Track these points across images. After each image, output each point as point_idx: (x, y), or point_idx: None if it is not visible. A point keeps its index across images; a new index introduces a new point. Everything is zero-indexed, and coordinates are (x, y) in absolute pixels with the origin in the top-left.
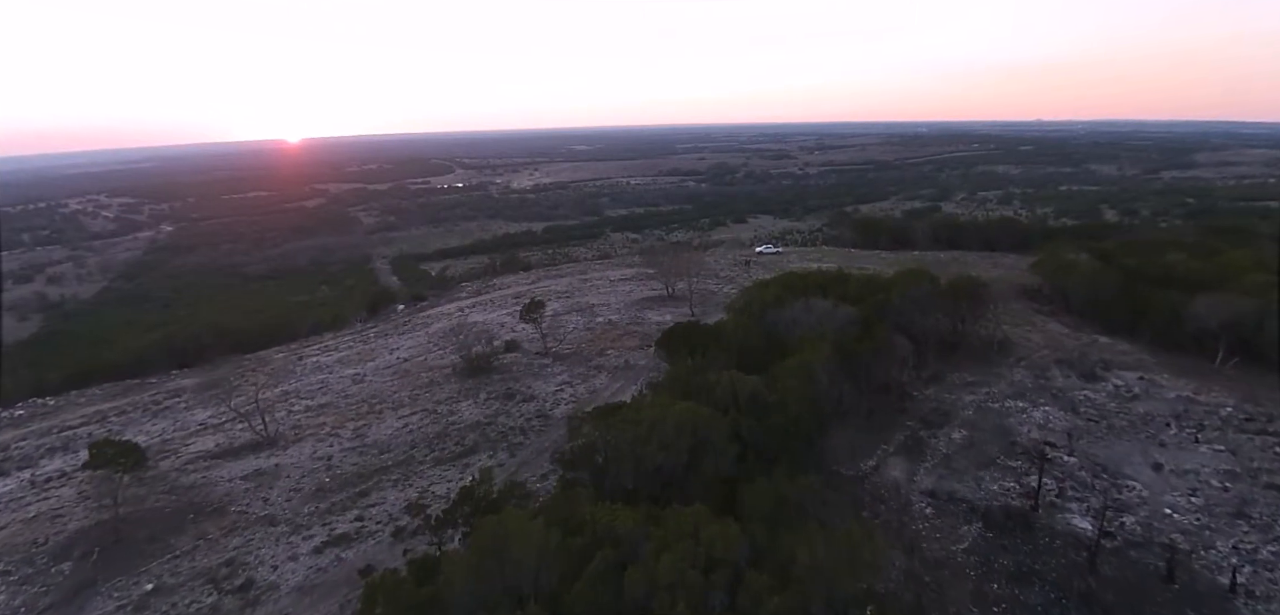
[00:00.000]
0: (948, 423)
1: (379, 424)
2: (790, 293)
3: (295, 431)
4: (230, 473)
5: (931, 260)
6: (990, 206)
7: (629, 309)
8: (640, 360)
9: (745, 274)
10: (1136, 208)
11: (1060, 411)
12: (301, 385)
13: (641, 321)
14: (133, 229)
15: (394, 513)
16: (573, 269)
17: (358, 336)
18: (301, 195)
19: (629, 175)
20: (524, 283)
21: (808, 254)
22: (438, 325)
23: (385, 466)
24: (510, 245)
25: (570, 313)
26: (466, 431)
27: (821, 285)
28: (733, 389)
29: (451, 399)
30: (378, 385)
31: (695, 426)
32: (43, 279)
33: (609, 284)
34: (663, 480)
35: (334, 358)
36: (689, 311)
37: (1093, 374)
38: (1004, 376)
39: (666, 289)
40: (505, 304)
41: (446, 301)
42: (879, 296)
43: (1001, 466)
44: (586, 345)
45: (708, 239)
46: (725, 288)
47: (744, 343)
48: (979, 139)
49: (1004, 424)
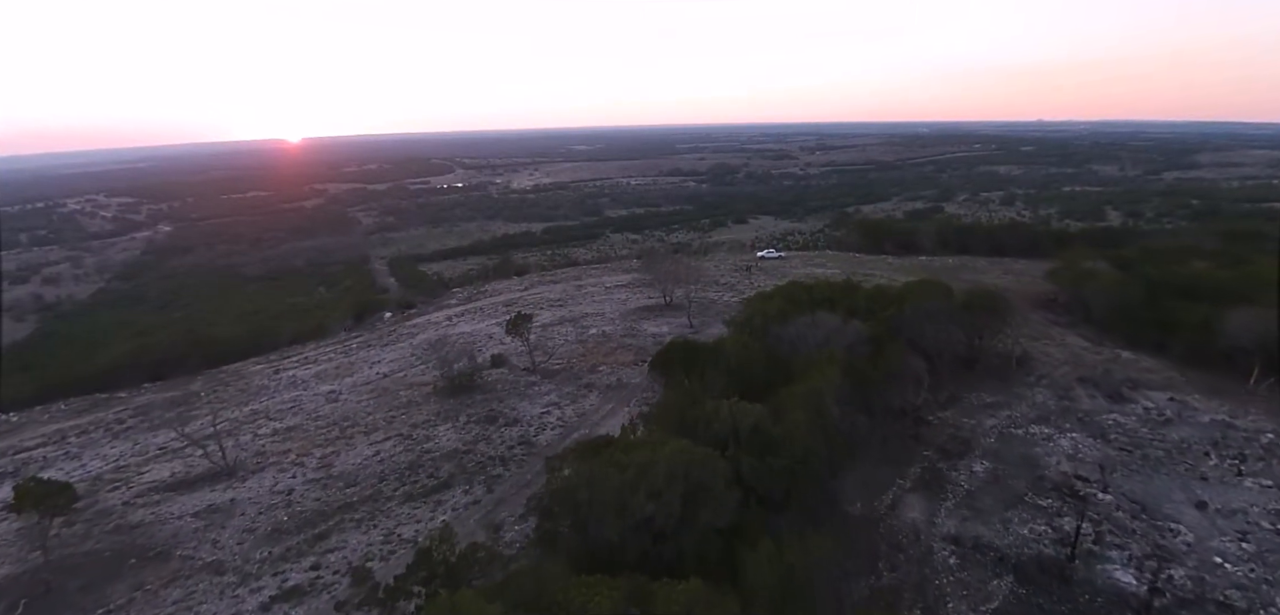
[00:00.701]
0: (968, 452)
1: (348, 451)
2: (794, 306)
3: (258, 459)
4: (182, 508)
5: (939, 265)
6: (993, 207)
7: (624, 319)
8: (634, 378)
9: (746, 280)
10: (1140, 209)
11: (1089, 439)
12: (273, 404)
13: (637, 333)
14: (130, 229)
15: (353, 560)
16: (568, 274)
17: (340, 347)
18: (300, 195)
19: (629, 175)
20: (517, 289)
21: (811, 259)
22: (424, 336)
23: (350, 503)
24: (509, 246)
25: (562, 323)
26: (442, 461)
27: (828, 297)
28: (733, 421)
29: (429, 422)
30: (352, 405)
31: (689, 470)
32: (39, 279)
33: (604, 291)
34: (653, 533)
35: (312, 371)
36: (687, 322)
37: (1119, 394)
38: (1025, 397)
39: (664, 297)
40: (495, 313)
41: (435, 309)
42: (890, 310)
43: (1030, 505)
44: (577, 360)
45: (708, 241)
46: (725, 295)
47: (745, 363)
48: (980, 139)
49: (1030, 454)
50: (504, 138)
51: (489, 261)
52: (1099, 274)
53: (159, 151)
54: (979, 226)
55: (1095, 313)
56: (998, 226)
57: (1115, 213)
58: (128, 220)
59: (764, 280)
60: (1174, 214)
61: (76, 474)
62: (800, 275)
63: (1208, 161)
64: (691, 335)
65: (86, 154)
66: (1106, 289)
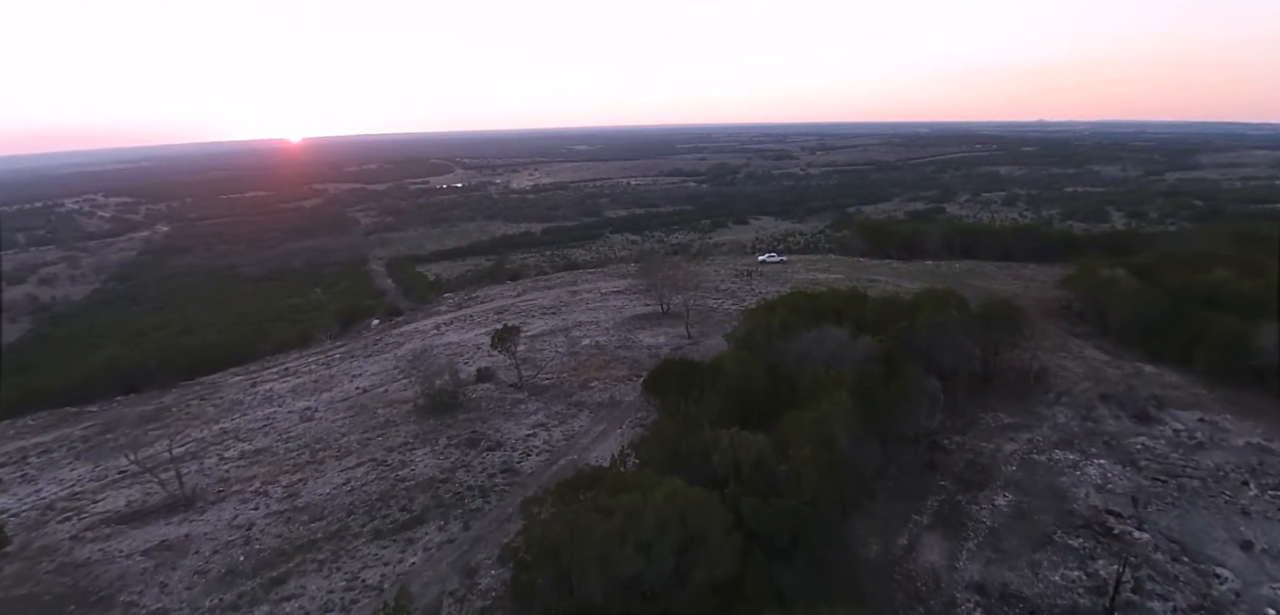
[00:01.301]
0: (989, 482)
1: (317, 479)
2: (799, 318)
3: (220, 487)
4: (133, 544)
5: (945, 270)
6: (994, 208)
7: (619, 329)
8: (628, 395)
9: (747, 286)
10: (1143, 210)
11: (1118, 466)
12: (244, 422)
13: (632, 344)
14: (128, 229)
15: (311, 610)
16: (563, 280)
17: (323, 358)
18: (300, 195)
19: (629, 176)
20: (510, 295)
21: (814, 263)
22: (410, 346)
23: (314, 540)
24: (508, 247)
25: (554, 333)
26: (417, 491)
27: (835, 309)
28: (733, 454)
29: (406, 445)
30: (327, 425)
31: (684, 515)
32: (35, 280)
33: (599, 298)
34: (642, 590)
35: (290, 385)
36: (685, 331)
37: (1145, 414)
38: (1045, 417)
39: (661, 305)
40: (485, 321)
41: (423, 317)
42: (901, 324)
43: (1060, 546)
44: (569, 375)
45: (708, 242)
46: (725, 302)
47: (745, 384)
48: (981, 140)
49: (1055, 484)
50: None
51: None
52: (1118, 283)
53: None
54: (986, 230)
55: (1114, 324)
56: (1005, 230)
57: (1118, 214)
58: (126, 220)
59: (765, 287)
60: (1177, 215)
61: (29, 501)
62: (803, 281)
63: (1209, 162)
64: (689, 346)
65: (87, 154)
66: (1126, 299)
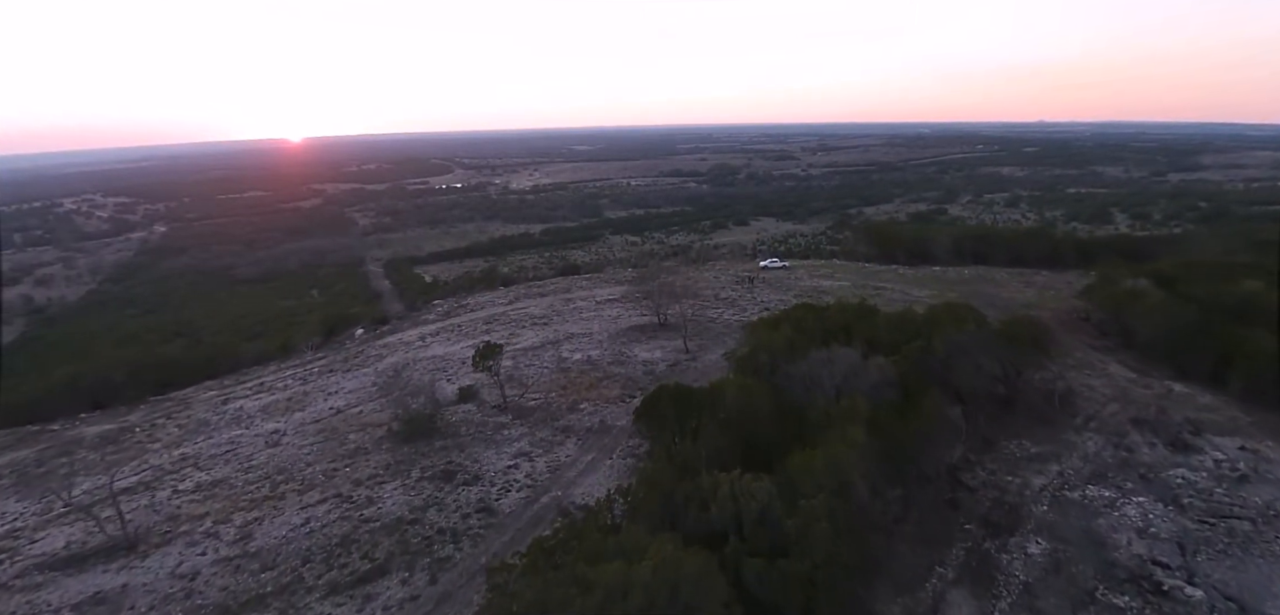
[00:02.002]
0: (1019, 525)
1: (274, 518)
2: (806, 336)
3: (168, 526)
4: (65, 595)
5: (955, 277)
6: (997, 209)
7: (613, 341)
8: (619, 418)
9: (748, 295)
10: (1147, 211)
11: (1159, 505)
12: (207, 446)
13: (626, 359)
14: (126, 229)
15: None
16: (556, 286)
17: (301, 371)
18: (298, 195)
19: (629, 176)
20: (501, 302)
21: (817, 269)
22: (391, 359)
23: (262, 593)
24: (507, 248)
25: (544, 345)
26: (382, 534)
27: (844, 324)
28: (735, 503)
29: (375, 477)
30: (293, 452)
31: (676, 589)
32: (31, 281)
33: (594, 307)
34: None
35: (262, 402)
36: (682, 345)
37: (1181, 442)
38: (1075, 446)
39: (658, 316)
40: (473, 331)
41: (410, 326)
42: (917, 343)
43: (1105, 605)
44: (557, 394)
45: (707, 243)
46: (726, 312)
47: (748, 414)
48: (982, 140)
49: (1092, 527)
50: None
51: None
52: (1143, 295)
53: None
54: (996, 234)
55: (1139, 338)
56: (1016, 234)
57: (1122, 215)
58: (124, 221)
59: (768, 295)
60: (1182, 217)
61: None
62: (807, 289)
63: (1211, 163)
64: (687, 361)
65: (88, 153)
66: (1153, 313)
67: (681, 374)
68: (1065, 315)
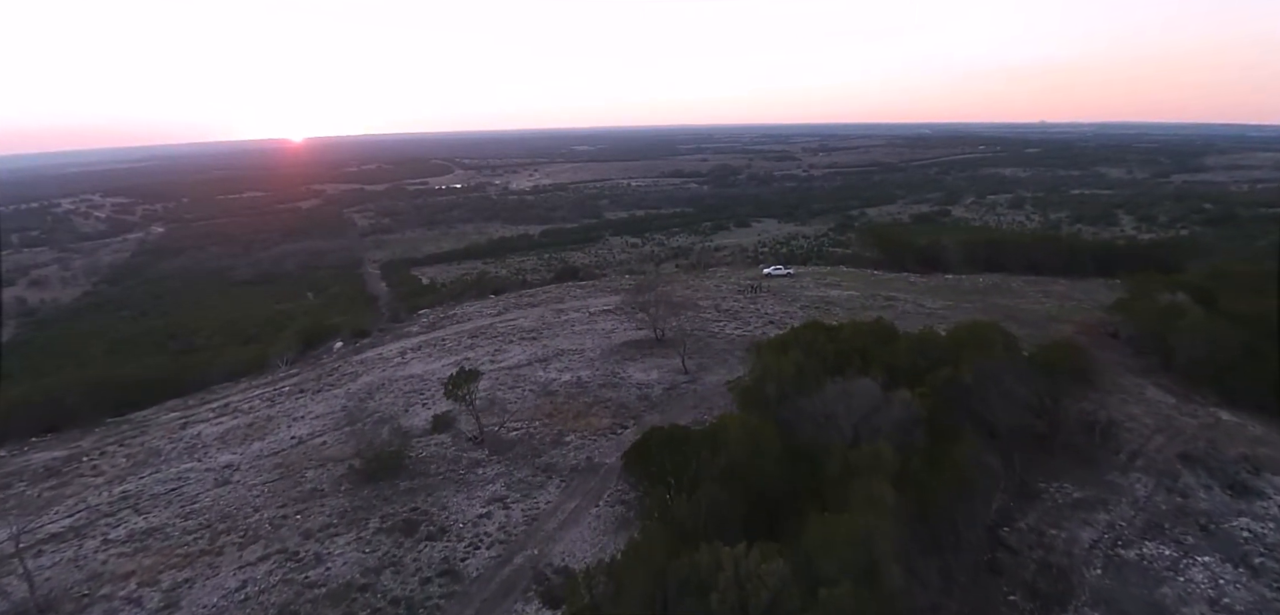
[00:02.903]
0: (1070, 596)
1: (207, 580)
2: (818, 361)
3: (88, 587)
4: None
5: (969, 285)
6: (1000, 210)
7: (606, 359)
8: (609, 455)
9: (752, 306)
10: (1153, 213)
11: (1228, 567)
12: (151, 483)
13: (618, 381)
14: (123, 230)
15: None
16: (549, 295)
17: (270, 391)
18: (297, 196)
19: (630, 176)
20: (490, 313)
21: (824, 277)
22: (366, 378)
23: None
24: (505, 249)
25: (532, 364)
26: (325, 606)
27: (860, 348)
28: (740, 590)
29: (329, 529)
30: (242, 493)
31: None
32: (25, 282)
33: (587, 319)
34: None
35: (222, 428)
36: (680, 364)
37: (1240, 483)
38: (1122, 490)
39: (654, 331)
40: (457, 347)
41: (391, 339)
42: (944, 371)
43: None
44: (541, 423)
45: (708, 246)
46: (727, 326)
47: (754, 463)
48: (984, 141)
49: (1155, 598)
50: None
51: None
52: (1183, 311)
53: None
54: (1010, 241)
55: (1178, 357)
56: (1032, 240)
57: (1127, 217)
58: (121, 221)
59: (772, 306)
60: (1188, 219)
61: None
62: (813, 298)
63: (1215, 164)
64: (686, 384)
65: (89, 153)
66: (1195, 333)
67: (679, 400)
68: (1091, 330)
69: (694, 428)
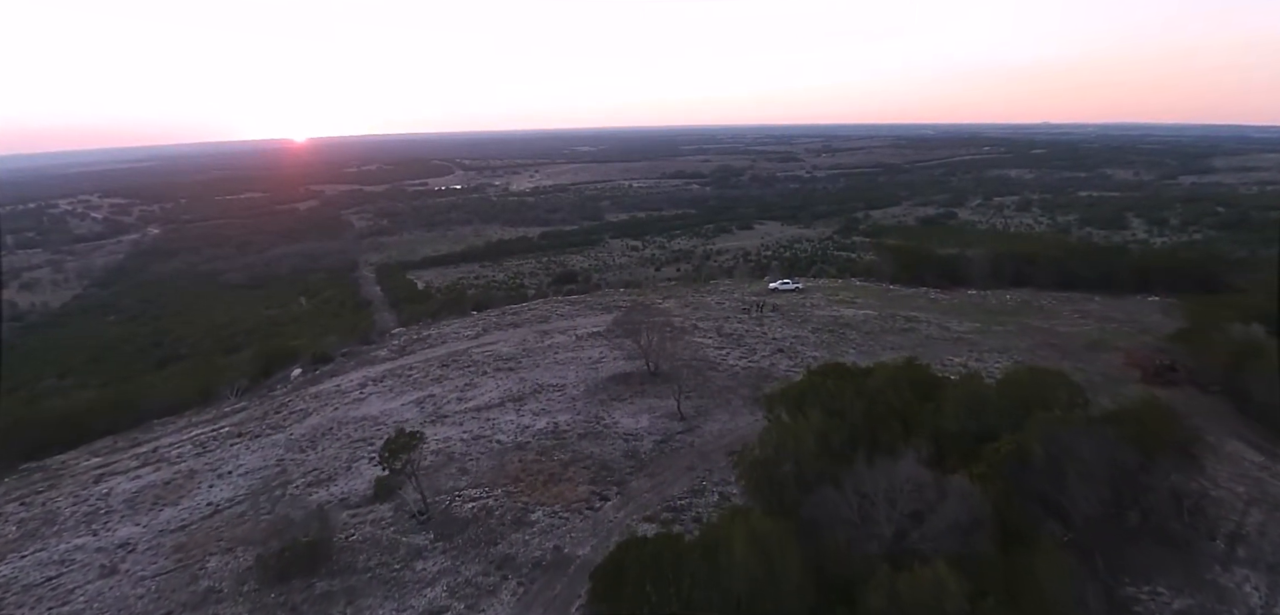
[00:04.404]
0: None
1: None
2: (843, 424)
3: None
4: None
5: (996, 303)
6: (1008, 213)
7: (590, 398)
8: (582, 544)
9: (757, 329)
10: (1164, 216)
11: None
12: (29, 566)
13: (602, 430)
14: (119, 231)
15: None
16: (535, 313)
17: (210, 428)
18: (296, 196)
19: (631, 177)
20: (467, 334)
21: (835, 293)
22: (314, 419)
23: None
24: (503, 252)
25: (505, 403)
26: None
27: (898, 407)
28: None
29: None
30: (126, 590)
31: None
32: (17, 286)
33: (573, 344)
34: None
35: (138, 484)
36: (675, 406)
37: None
38: (1230, 595)
39: (647, 362)
40: (424, 378)
41: (354, 366)
42: (1006, 445)
43: None
44: (504, 491)
45: (710, 251)
46: (731, 354)
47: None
48: (988, 142)
49: None
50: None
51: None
52: (1261, 347)
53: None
54: (1040, 253)
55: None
56: (1064, 251)
57: (1138, 221)
58: (117, 222)
59: (780, 327)
60: (1201, 223)
61: None
62: (825, 319)
63: (1223, 166)
64: (682, 433)
65: (91, 153)
66: None
67: (672, 458)
68: (1146, 363)
69: (686, 539)
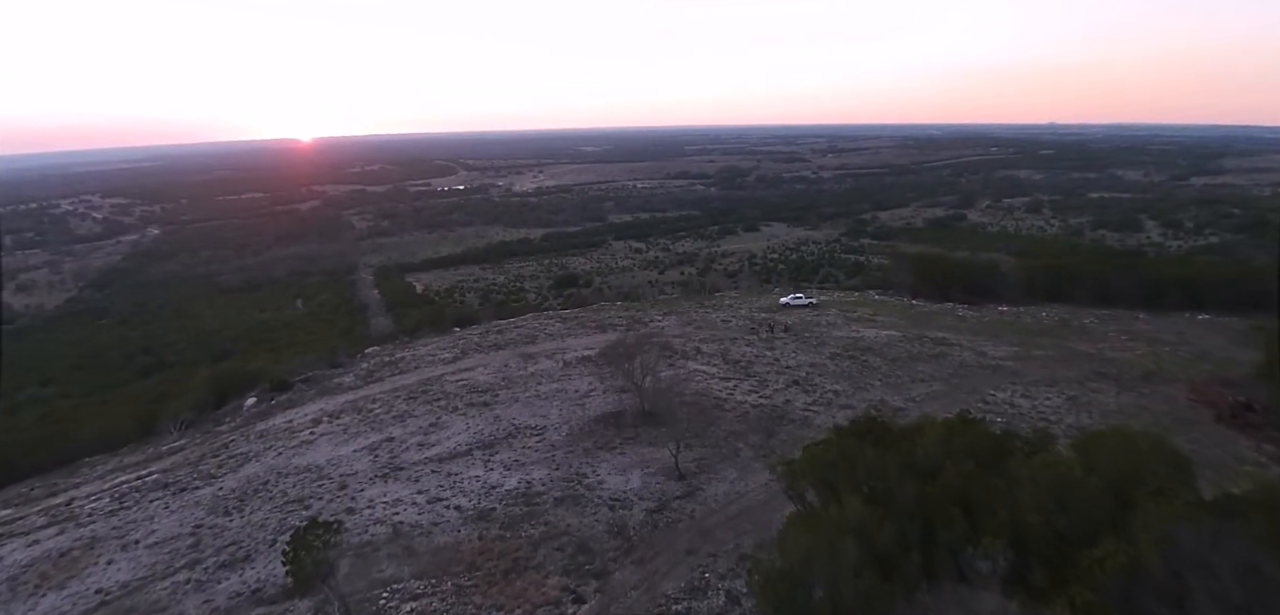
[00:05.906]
0: None
1: None
2: (886, 521)
3: None
4: None
5: (1031, 322)
6: (1018, 215)
7: (572, 447)
8: None
9: (767, 353)
10: (1178, 218)
11: None
12: None
13: (583, 492)
14: (119, 232)
15: None
16: (520, 333)
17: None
18: (297, 197)
19: (635, 178)
20: (444, 357)
21: (853, 309)
22: (252, 468)
23: None
24: (504, 254)
25: (472, 451)
26: None
27: (960, 493)
28: None
29: None
30: None
31: None
32: (13, 287)
33: (560, 371)
34: None
35: (33, 552)
36: (673, 461)
37: None
38: None
39: (640, 401)
40: (386, 415)
41: (316, 395)
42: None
43: None
44: (451, 590)
45: (715, 248)
46: (738, 388)
47: None
48: (995, 142)
49: None
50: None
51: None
52: None
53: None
54: (1075, 264)
55: None
56: (1104, 263)
57: (1151, 222)
58: (117, 223)
59: (794, 351)
60: (1217, 225)
61: None
62: (845, 343)
63: (1233, 167)
64: (680, 500)
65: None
66: None
67: (667, 536)
68: (1216, 398)
69: None
